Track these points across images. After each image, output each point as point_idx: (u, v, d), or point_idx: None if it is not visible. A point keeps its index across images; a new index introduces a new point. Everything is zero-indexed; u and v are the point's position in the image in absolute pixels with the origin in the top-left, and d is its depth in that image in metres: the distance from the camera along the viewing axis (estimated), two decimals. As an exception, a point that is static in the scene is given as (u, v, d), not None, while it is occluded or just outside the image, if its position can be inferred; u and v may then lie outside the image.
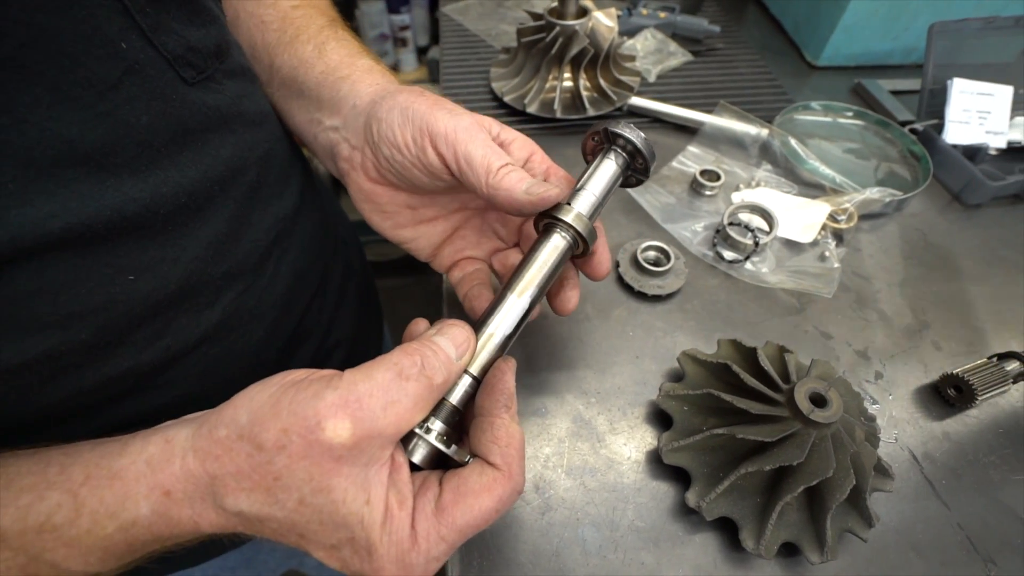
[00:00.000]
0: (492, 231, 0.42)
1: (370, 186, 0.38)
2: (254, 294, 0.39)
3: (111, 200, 0.28)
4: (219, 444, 0.24)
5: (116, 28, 0.27)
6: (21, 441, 0.31)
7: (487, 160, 0.32)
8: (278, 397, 0.25)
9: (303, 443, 0.23)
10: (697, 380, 0.42)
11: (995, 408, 0.45)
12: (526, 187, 0.32)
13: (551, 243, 0.33)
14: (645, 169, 0.36)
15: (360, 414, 0.24)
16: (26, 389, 0.29)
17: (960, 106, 0.66)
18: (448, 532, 0.26)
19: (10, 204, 0.24)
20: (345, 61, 0.40)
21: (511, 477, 0.27)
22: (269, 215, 0.40)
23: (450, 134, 0.33)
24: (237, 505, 0.24)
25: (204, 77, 0.32)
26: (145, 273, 0.31)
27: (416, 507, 0.26)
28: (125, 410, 0.34)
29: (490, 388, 0.29)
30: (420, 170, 0.35)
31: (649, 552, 0.37)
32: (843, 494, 0.33)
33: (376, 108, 0.36)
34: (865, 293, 0.53)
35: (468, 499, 0.26)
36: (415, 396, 0.26)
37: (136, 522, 0.25)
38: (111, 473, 0.25)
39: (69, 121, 0.25)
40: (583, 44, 0.64)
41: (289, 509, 0.24)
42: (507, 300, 0.32)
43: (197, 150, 0.32)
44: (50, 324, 0.28)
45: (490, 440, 0.28)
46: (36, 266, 0.26)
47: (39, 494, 0.25)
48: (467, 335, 0.29)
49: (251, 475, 0.24)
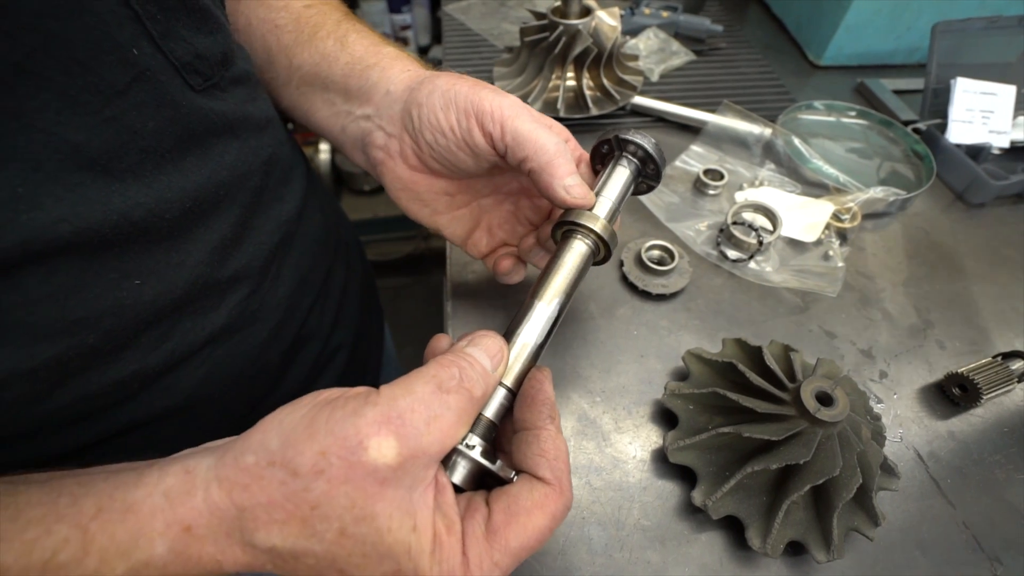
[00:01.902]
0: (525, 217, 0.42)
1: (409, 174, 0.38)
2: (258, 297, 0.39)
3: (118, 205, 0.28)
4: (247, 472, 0.22)
5: (127, 35, 0.27)
6: (28, 446, 0.31)
7: (534, 136, 0.33)
8: (312, 417, 0.23)
9: (344, 466, 0.21)
10: (702, 379, 0.42)
11: (1000, 407, 0.45)
12: (568, 184, 0.32)
13: (574, 249, 0.33)
14: (657, 175, 0.36)
15: (404, 431, 0.22)
16: (35, 394, 0.29)
17: (963, 105, 0.66)
18: (501, 557, 0.24)
19: (20, 207, 0.24)
20: (370, 51, 0.40)
21: (562, 492, 0.26)
22: (273, 219, 0.40)
23: (496, 111, 0.33)
24: (269, 540, 0.22)
25: (210, 84, 0.33)
26: (151, 278, 0.31)
27: (466, 531, 0.24)
28: (131, 413, 0.35)
29: (530, 400, 0.28)
30: (465, 152, 0.35)
31: (655, 551, 0.37)
32: (849, 493, 0.33)
33: (415, 94, 0.36)
34: (869, 292, 0.53)
35: (521, 519, 0.24)
36: (457, 410, 0.24)
37: (149, 563, 0.22)
38: (125, 506, 0.23)
39: (76, 126, 0.25)
40: (586, 43, 0.64)
41: (329, 541, 0.22)
42: (535, 308, 0.32)
43: (202, 155, 0.32)
44: (59, 330, 0.28)
45: (537, 453, 0.26)
46: (45, 271, 0.26)
47: (47, 527, 0.22)
48: (500, 345, 0.29)
49: (285, 505, 0.22)
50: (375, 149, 0.39)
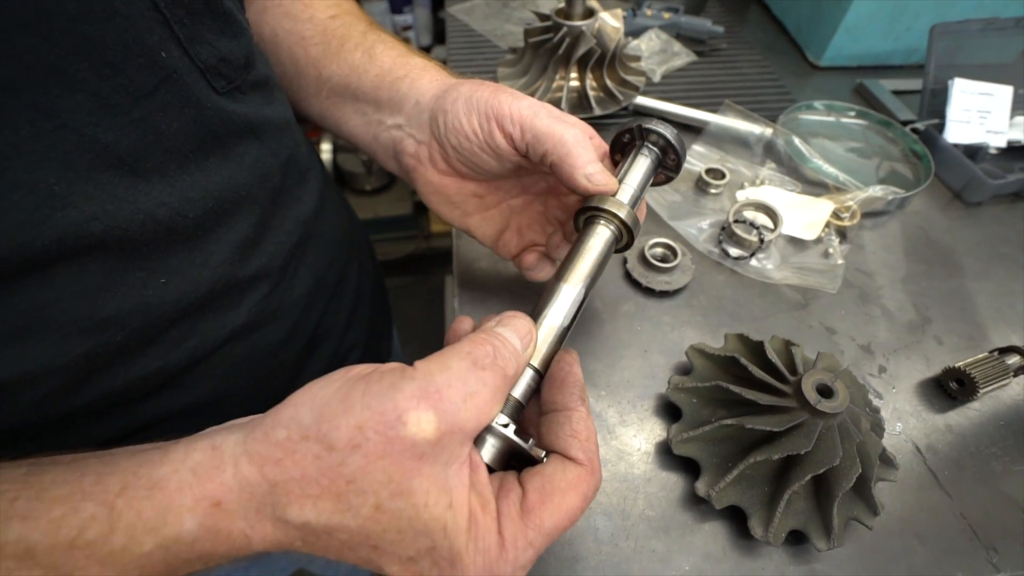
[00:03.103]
0: (553, 216, 0.43)
1: (439, 178, 0.40)
2: (277, 296, 0.40)
3: (144, 204, 0.28)
4: (279, 447, 0.22)
5: (156, 38, 0.27)
6: (54, 439, 0.32)
7: (552, 130, 0.34)
8: (347, 392, 0.23)
9: (382, 440, 0.21)
10: (705, 373, 0.43)
11: (996, 401, 0.46)
12: (588, 172, 0.33)
13: (597, 233, 0.34)
14: (676, 166, 0.37)
15: (443, 406, 0.22)
16: (64, 389, 0.29)
17: (961, 106, 0.67)
18: (536, 536, 0.24)
19: (56, 205, 0.25)
20: (398, 62, 0.41)
21: (593, 472, 0.26)
22: (291, 219, 0.41)
23: (515, 113, 0.34)
24: (303, 515, 0.22)
25: (233, 87, 0.33)
26: (175, 276, 0.32)
27: (500, 511, 0.24)
28: (153, 408, 0.35)
29: (560, 382, 0.29)
30: (488, 154, 0.36)
31: (660, 540, 0.38)
32: (849, 482, 0.34)
33: (441, 102, 0.37)
34: (868, 289, 0.54)
35: (556, 498, 0.24)
36: (493, 387, 0.24)
37: (179, 538, 0.22)
38: (151, 483, 0.22)
39: (106, 127, 0.26)
40: (590, 44, 0.65)
41: (364, 516, 0.22)
42: (561, 290, 0.32)
43: (223, 156, 0.33)
44: (89, 327, 0.29)
45: (569, 435, 0.26)
46: (77, 269, 0.27)
47: (73, 506, 0.22)
48: (530, 326, 0.28)
49: (319, 479, 0.21)
50: (407, 157, 0.40)
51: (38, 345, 0.27)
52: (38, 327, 0.27)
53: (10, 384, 0.27)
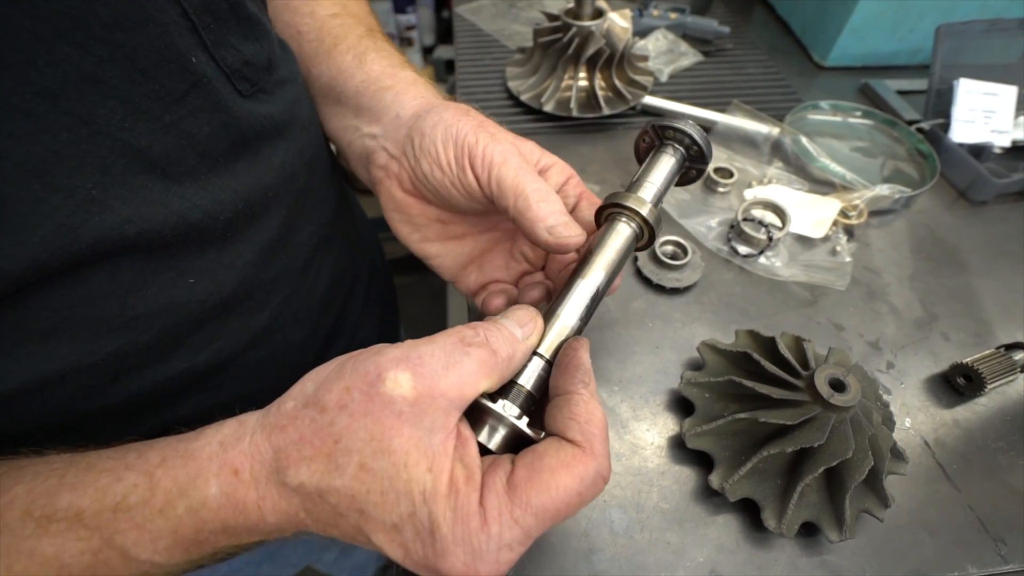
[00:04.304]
0: (521, 254, 0.41)
1: (402, 196, 0.38)
2: (298, 297, 0.40)
3: (177, 206, 0.29)
4: (285, 415, 0.25)
5: (186, 44, 0.28)
6: (80, 440, 0.33)
7: (517, 183, 0.32)
8: (343, 362, 0.25)
9: (364, 398, 0.23)
10: (717, 368, 0.43)
11: (1003, 396, 0.47)
12: (550, 224, 0.31)
13: (616, 230, 0.33)
14: (702, 157, 0.35)
15: (421, 369, 0.23)
16: (92, 389, 0.30)
17: (966, 105, 0.67)
18: (522, 514, 0.23)
19: (93, 209, 0.25)
20: (387, 72, 0.41)
21: (593, 455, 0.24)
22: (314, 220, 0.41)
23: (487, 156, 0.33)
24: (298, 477, 0.23)
25: (257, 89, 0.34)
26: (204, 277, 0.32)
27: (485, 483, 0.24)
28: (178, 410, 0.36)
29: (564, 366, 0.28)
30: (458, 190, 0.35)
31: (674, 532, 0.39)
32: (862, 475, 0.35)
33: (420, 121, 0.36)
34: (875, 286, 0.55)
35: (544, 475, 0.23)
36: (478, 360, 0.25)
37: (205, 503, 0.24)
38: (187, 453, 0.25)
39: (139, 131, 0.27)
40: (599, 45, 0.65)
41: (349, 475, 0.23)
42: (576, 285, 0.32)
43: (252, 158, 0.34)
44: (118, 326, 0.29)
45: (568, 416, 0.26)
46: (110, 269, 0.28)
47: (117, 475, 0.24)
48: (531, 314, 0.29)
49: (312, 440, 0.23)
50: (376, 168, 0.39)
51: (69, 343, 0.28)
52: (70, 325, 0.28)
53: (42, 381, 0.28)
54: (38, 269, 0.25)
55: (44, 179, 0.24)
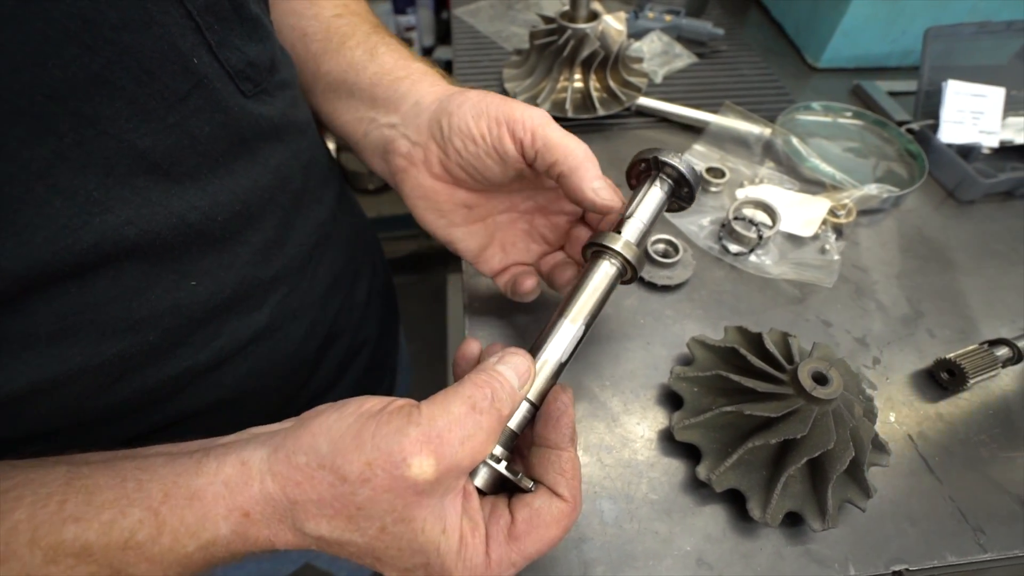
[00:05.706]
0: (539, 235, 0.43)
1: (431, 182, 0.39)
2: (296, 296, 0.41)
3: (176, 208, 0.30)
4: (299, 471, 0.25)
5: (189, 44, 0.28)
6: (86, 436, 0.33)
7: (564, 142, 0.34)
8: (358, 429, 0.25)
9: (388, 478, 0.24)
10: (706, 363, 0.44)
11: (985, 391, 0.48)
12: (596, 185, 0.34)
13: (601, 270, 0.34)
14: (690, 197, 0.37)
15: (442, 451, 0.25)
16: (98, 388, 0.31)
17: (954, 107, 0.68)
18: (518, 558, 0.27)
19: (94, 211, 0.26)
20: (400, 64, 0.42)
21: (576, 508, 0.29)
22: (311, 220, 0.42)
23: (527, 120, 0.35)
24: (318, 530, 0.25)
25: (259, 90, 0.34)
26: (205, 278, 0.33)
27: (489, 534, 0.27)
28: (181, 406, 0.37)
29: (555, 421, 0.30)
30: (494, 159, 0.36)
31: (662, 522, 0.40)
32: (843, 465, 0.36)
33: (446, 104, 0.37)
34: (863, 284, 0.56)
35: (540, 530, 0.28)
36: (488, 430, 0.26)
37: (216, 541, 0.25)
38: (189, 493, 0.25)
39: (143, 132, 0.27)
40: (594, 47, 0.66)
41: (370, 536, 0.25)
42: (561, 326, 0.33)
43: (250, 159, 0.34)
44: (124, 328, 0.30)
45: (558, 473, 0.29)
46: (114, 273, 0.28)
47: (121, 510, 0.24)
48: (528, 365, 0.30)
49: (333, 503, 0.24)
50: (398, 157, 0.40)
51: (76, 345, 0.29)
52: (77, 328, 0.28)
53: (51, 382, 0.28)
54: (41, 270, 0.25)
55: (47, 181, 0.24)
